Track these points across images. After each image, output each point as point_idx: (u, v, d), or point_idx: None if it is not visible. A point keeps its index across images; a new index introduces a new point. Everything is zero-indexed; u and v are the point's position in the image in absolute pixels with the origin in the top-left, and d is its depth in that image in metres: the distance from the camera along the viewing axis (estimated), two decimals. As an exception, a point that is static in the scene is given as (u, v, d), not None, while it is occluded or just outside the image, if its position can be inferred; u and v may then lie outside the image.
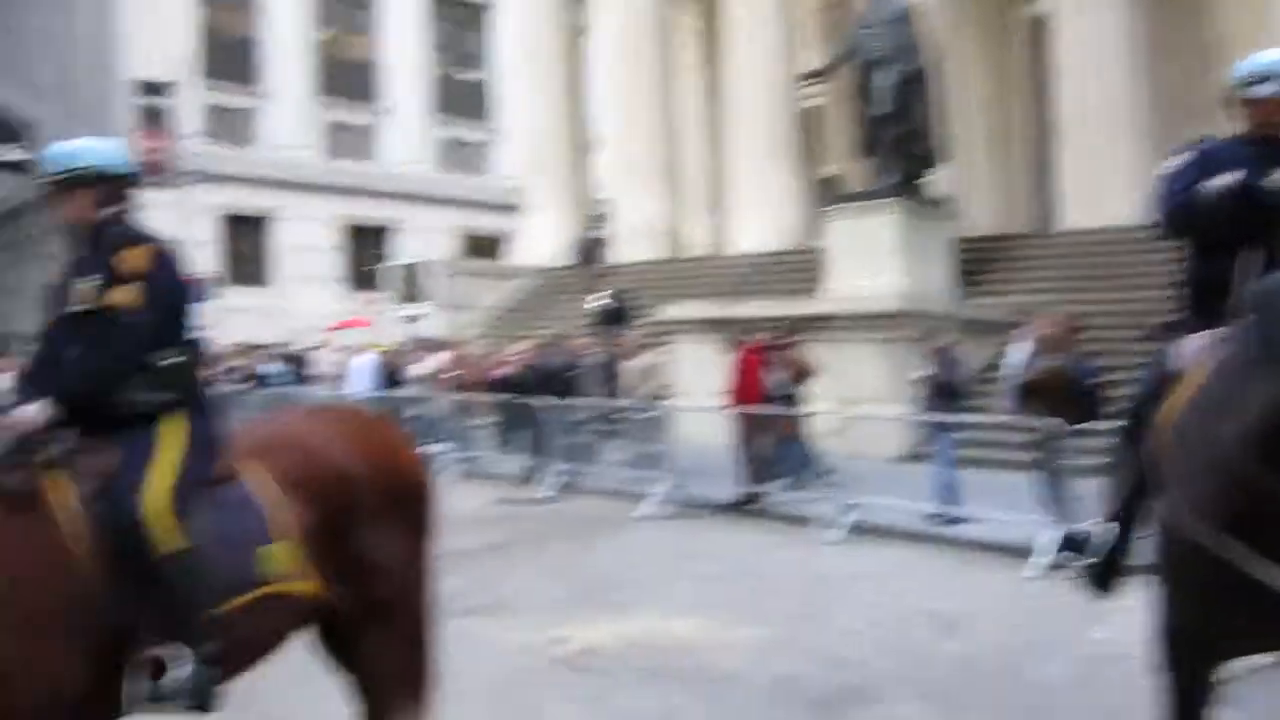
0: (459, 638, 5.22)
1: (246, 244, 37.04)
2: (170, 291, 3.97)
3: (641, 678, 7.26)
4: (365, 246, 39.14)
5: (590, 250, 28.09)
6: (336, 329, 28.82)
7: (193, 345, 4.06)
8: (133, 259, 3.87)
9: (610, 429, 16.63)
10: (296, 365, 23.12)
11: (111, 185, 4.05)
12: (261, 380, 20.97)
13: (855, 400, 15.72)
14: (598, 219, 30.30)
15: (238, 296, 32.50)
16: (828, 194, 25.73)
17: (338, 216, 38.59)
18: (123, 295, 3.81)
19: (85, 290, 3.87)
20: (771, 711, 6.62)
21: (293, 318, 29.64)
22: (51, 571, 3.49)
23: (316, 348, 24.38)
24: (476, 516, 12.99)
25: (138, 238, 3.97)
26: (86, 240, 4.01)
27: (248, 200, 36.41)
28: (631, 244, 28.85)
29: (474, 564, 10.45)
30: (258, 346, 22.38)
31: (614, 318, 21.29)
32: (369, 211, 39.14)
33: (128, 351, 3.81)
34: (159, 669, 3.58)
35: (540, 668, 7.55)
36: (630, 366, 17.24)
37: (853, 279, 19.20)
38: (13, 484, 3.54)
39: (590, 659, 7.73)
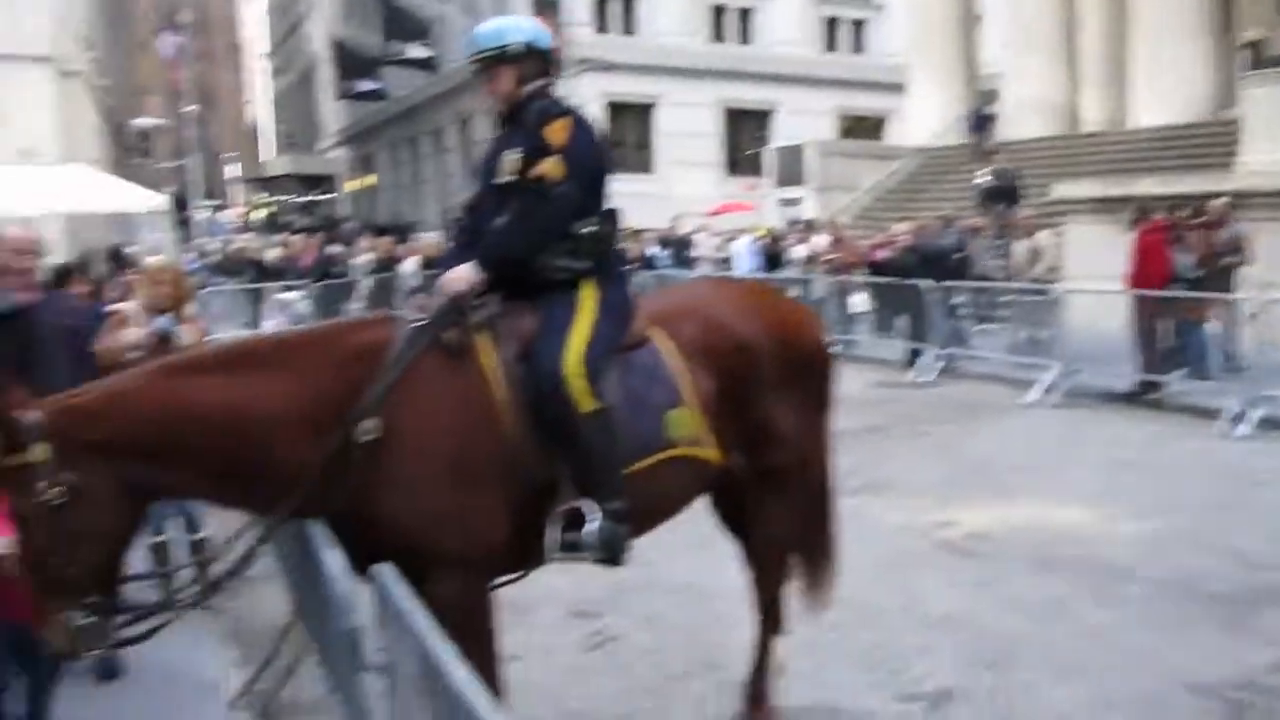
0: (842, 516, 5.27)
1: (631, 131, 38.13)
2: (590, 163, 4.10)
3: (1028, 566, 7.09)
4: (744, 130, 39.37)
5: (978, 127, 26.95)
6: (717, 213, 29.26)
7: (609, 215, 4.18)
8: (556, 131, 4.01)
9: (996, 313, 16.07)
10: (679, 249, 23.68)
11: (535, 61, 4.19)
12: (648, 263, 21.65)
13: (1272, 284, 14.36)
14: (985, 95, 28.96)
15: (622, 183, 33.40)
16: (1246, 60, 23.31)
17: (717, 101, 38.96)
18: (548, 167, 3.97)
19: (511, 162, 4.05)
20: (1169, 606, 6.30)
21: (674, 203, 30.27)
22: (482, 426, 3.74)
23: (697, 232, 24.84)
24: (856, 399, 12.93)
25: (561, 111, 4.11)
26: (512, 115, 4.20)
27: (632, 87, 37.34)
28: (1021, 120, 27.37)
29: (855, 445, 10.47)
30: (642, 231, 23.08)
31: (1002, 197, 20.40)
32: (748, 94, 39.24)
33: (552, 221, 3.97)
34: (573, 523, 3.80)
35: (924, 550, 7.52)
36: (1019, 247, 16.51)
37: (1274, 152, 17.38)
38: (449, 340, 3.80)
39: (976, 544, 7.62)
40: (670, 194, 34.73)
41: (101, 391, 3.50)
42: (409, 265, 20.93)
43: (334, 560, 3.38)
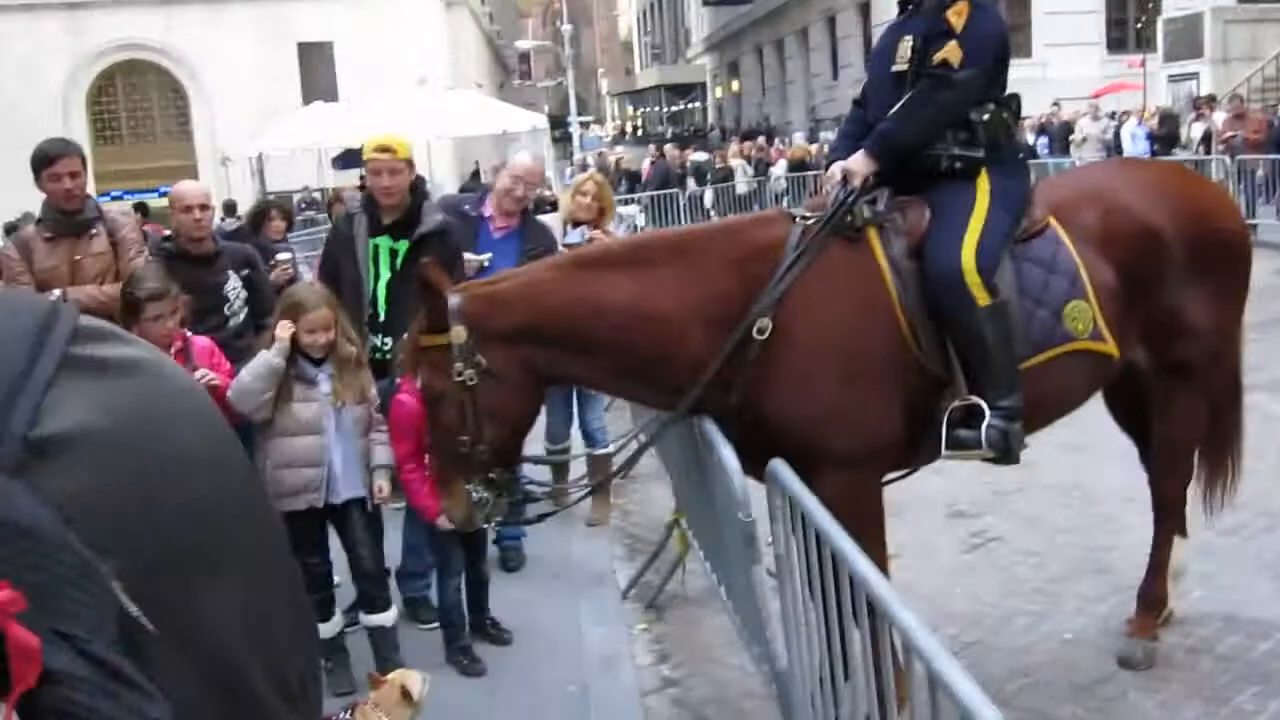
0: (1248, 412, 4.96)
1: (1007, 13, 36.27)
2: (991, 46, 3.98)
3: None
4: (1128, 4, 36.55)
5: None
6: (1100, 95, 27.47)
7: (1008, 101, 4.05)
8: (957, 14, 3.90)
9: None
10: (1062, 136, 22.53)
11: None
12: (1030, 152, 20.74)
13: None
14: None
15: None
16: None
17: (1104, -29, 36.32)
18: (948, 51, 3.87)
19: (909, 48, 3.97)
20: None
21: (1053, 87, 28.61)
22: (876, 323, 3.76)
23: (1081, 116, 23.47)
24: (1260, 287, 11.95)
25: None
26: (909, 1, 4.10)
27: (1005, -33, 35.41)
28: None
29: (1260, 338, 9.70)
30: (1021, 118, 22.09)
31: None
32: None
33: (950, 107, 3.88)
34: (965, 420, 3.75)
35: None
36: None
37: None
38: (846, 230, 3.81)
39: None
40: (1048, 77, 32.89)
41: (517, 280, 3.79)
42: (778, 169, 21.07)
43: (729, 456, 3.53)
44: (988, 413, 3.69)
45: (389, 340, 5.04)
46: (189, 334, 4.79)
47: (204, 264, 5.51)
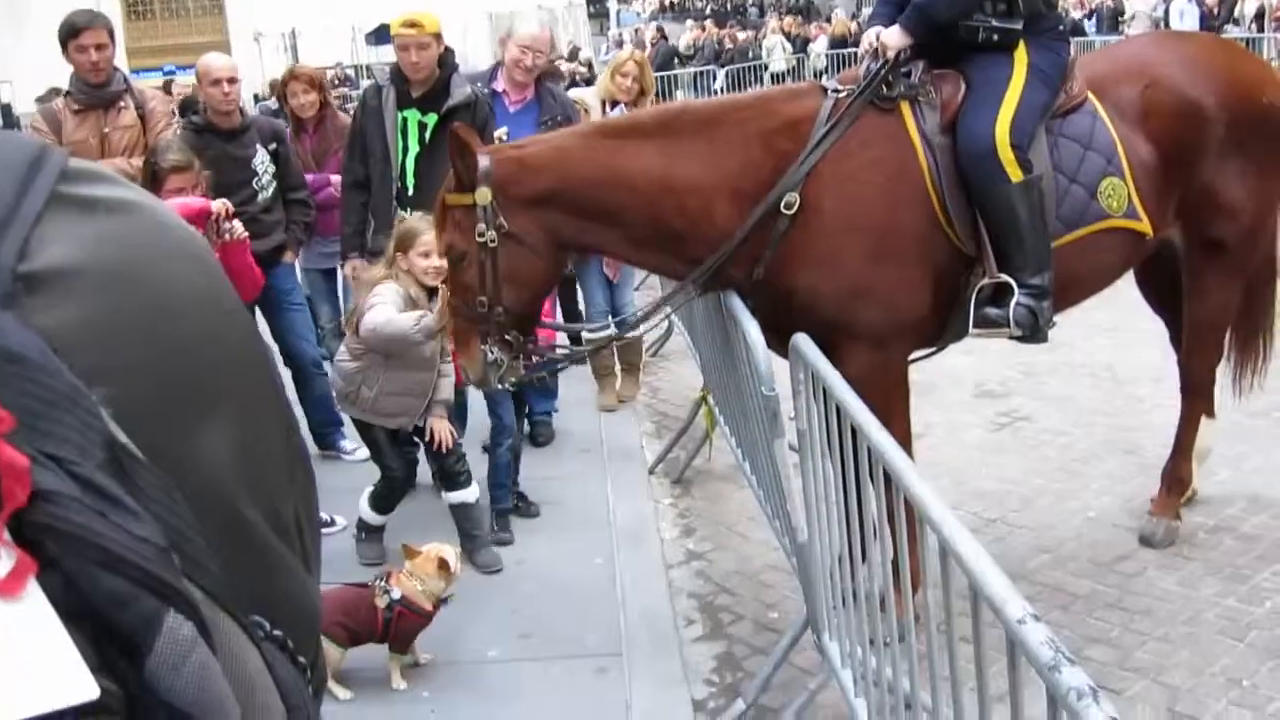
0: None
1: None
2: None
3: None
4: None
5: None
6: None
7: None
8: None
9: None
10: (1112, 16, 21.95)
11: None
12: (1076, 29, 20.23)
13: None
14: None
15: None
16: None
17: None
18: None
19: None
20: None
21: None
22: (906, 199, 3.71)
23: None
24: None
25: None
26: None
27: None
28: None
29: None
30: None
31: None
32: None
33: None
34: (994, 298, 3.73)
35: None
36: None
37: None
38: (880, 102, 3.75)
39: None
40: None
41: (545, 146, 3.78)
42: (819, 45, 20.68)
43: (753, 330, 3.54)
44: (1016, 291, 3.65)
45: (418, 215, 5.03)
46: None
47: (232, 138, 5.51)
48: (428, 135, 5.13)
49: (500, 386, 4.02)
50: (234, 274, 4.88)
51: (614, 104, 6.34)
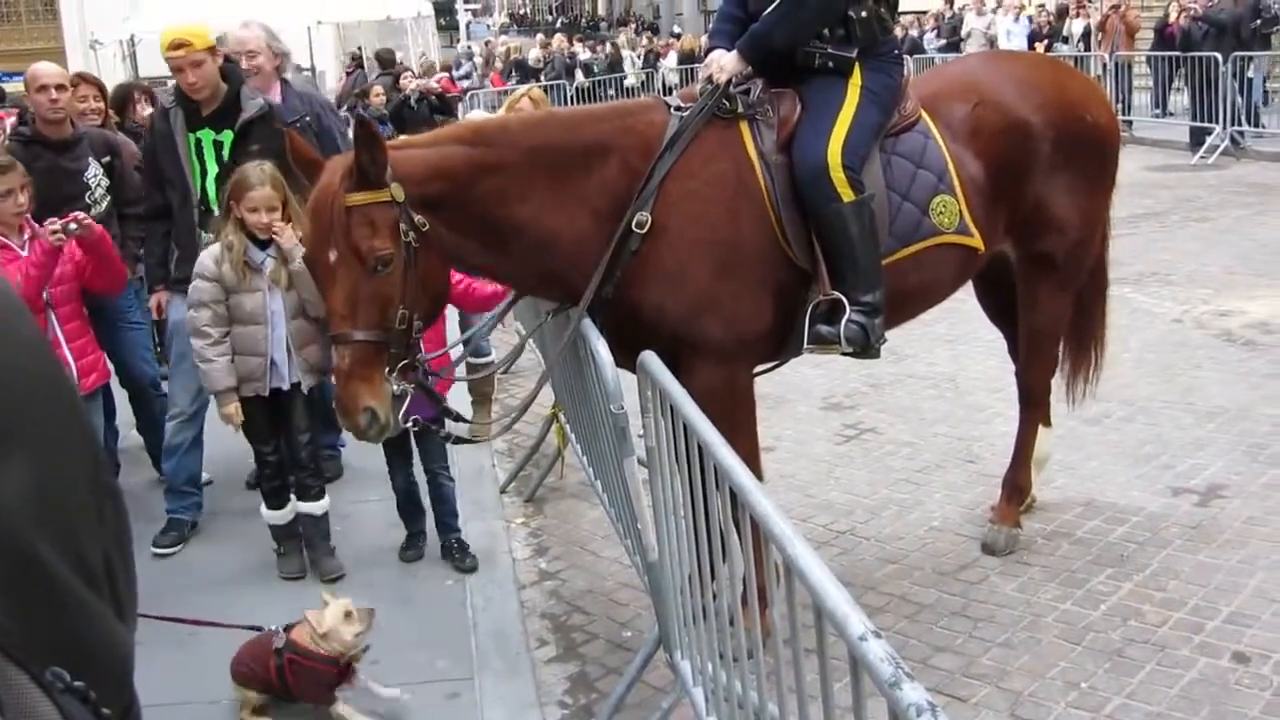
0: (1115, 306, 5.10)
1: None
2: None
3: (1316, 358, 6.69)
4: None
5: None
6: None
7: None
8: None
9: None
10: (951, 32, 22.65)
11: None
12: (915, 46, 20.82)
13: None
14: None
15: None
16: None
17: None
18: None
19: None
20: None
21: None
22: (746, 215, 3.73)
23: (965, 10, 23.60)
24: (1132, 182, 12.28)
25: None
26: None
27: None
28: None
29: (1130, 231, 10.00)
30: (919, 13, 22.11)
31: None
32: None
33: (826, 9, 3.82)
34: (828, 314, 3.76)
35: (1200, 341, 7.21)
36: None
37: None
38: (721, 115, 3.75)
39: (1257, 334, 7.24)
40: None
41: (432, 150, 3.53)
42: (668, 61, 20.86)
43: (601, 348, 3.50)
44: (848, 308, 3.70)
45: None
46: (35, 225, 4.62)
47: (62, 149, 5.28)
48: (225, 154, 4.93)
49: (405, 426, 3.65)
50: (102, 267, 4.73)
51: None
